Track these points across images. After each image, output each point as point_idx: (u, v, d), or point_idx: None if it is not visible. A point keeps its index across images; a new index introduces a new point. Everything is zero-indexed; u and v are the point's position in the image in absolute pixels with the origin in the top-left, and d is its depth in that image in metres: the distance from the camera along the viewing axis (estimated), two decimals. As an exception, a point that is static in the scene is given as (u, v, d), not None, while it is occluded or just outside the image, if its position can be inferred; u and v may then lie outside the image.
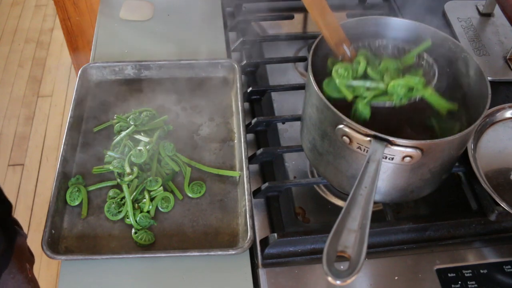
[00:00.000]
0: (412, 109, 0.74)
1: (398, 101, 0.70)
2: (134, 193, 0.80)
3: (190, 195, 0.82)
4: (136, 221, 0.78)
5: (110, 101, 0.96)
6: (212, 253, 0.73)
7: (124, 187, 0.80)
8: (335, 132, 0.66)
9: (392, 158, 0.64)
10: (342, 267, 0.52)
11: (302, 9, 1.20)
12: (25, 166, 2.14)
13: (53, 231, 0.76)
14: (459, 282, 0.72)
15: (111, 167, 0.84)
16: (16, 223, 0.92)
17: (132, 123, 0.89)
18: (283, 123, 0.94)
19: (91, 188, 0.83)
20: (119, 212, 0.79)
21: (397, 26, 0.81)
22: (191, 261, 0.75)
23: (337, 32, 0.73)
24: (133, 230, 0.78)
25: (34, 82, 2.53)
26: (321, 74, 0.75)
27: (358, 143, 0.65)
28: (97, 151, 0.88)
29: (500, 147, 0.86)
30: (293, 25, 1.18)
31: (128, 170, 0.82)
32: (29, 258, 0.96)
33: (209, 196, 0.83)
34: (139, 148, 0.84)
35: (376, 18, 0.81)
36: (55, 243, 0.75)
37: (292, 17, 1.14)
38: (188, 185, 0.83)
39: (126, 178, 0.81)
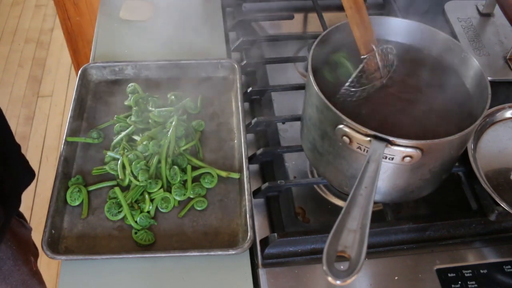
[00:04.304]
0: (412, 106, 0.74)
1: None
2: (133, 195, 0.80)
3: (190, 196, 0.82)
4: (136, 221, 0.78)
5: (110, 101, 0.96)
6: (212, 253, 0.73)
7: (118, 192, 0.80)
8: (335, 132, 0.66)
9: (392, 158, 0.64)
10: (342, 267, 0.52)
11: (302, 9, 1.21)
12: (25, 166, 2.14)
13: (53, 231, 0.76)
14: (459, 282, 0.72)
15: (106, 168, 0.84)
16: (21, 216, 0.92)
17: (135, 118, 0.89)
18: (283, 123, 0.94)
19: (91, 188, 0.83)
20: (119, 212, 0.79)
21: (397, 26, 0.81)
22: (191, 261, 0.75)
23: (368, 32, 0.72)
24: (133, 230, 0.78)
25: (34, 82, 2.53)
26: (321, 74, 0.75)
27: (358, 143, 0.65)
28: (97, 151, 0.88)
29: (500, 147, 0.86)
30: (293, 25, 1.17)
31: (121, 176, 0.82)
32: (34, 251, 0.96)
33: (209, 196, 0.83)
34: (135, 152, 0.84)
35: (376, 18, 0.81)
36: (55, 243, 0.75)
37: (292, 17, 1.14)
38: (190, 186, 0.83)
39: (121, 182, 0.82)
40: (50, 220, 0.76)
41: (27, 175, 0.85)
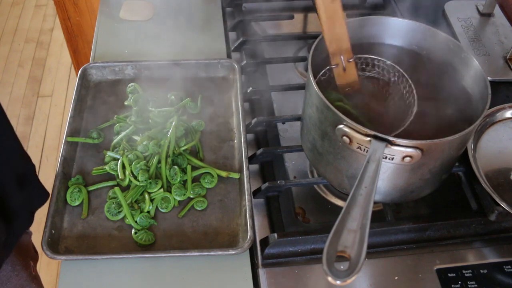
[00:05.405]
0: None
1: None
2: (133, 195, 0.80)
3: (190, 196, 0.82)
4: (136, 221, 0.78)
5: (110, 101, 0.96)
6: (212, 253, 0.73)
7: (118, 192, 0.80)
8: (335, 132, 0.66)
9: (392, 158, 0.64)
10: (342, 267, 0.52)
11: (302, 9, 1.21)
12: (25, 166, 2.14)
13: (53, 231, 0.76)
14: (459, 282, 0.72)
15: (106, 168, 0.84)
16: None
17: (134, 119, 0.89)
18: (283, 123, 0.94)
19: (91, 188, 0.83)
20: (119, 212, 0.79)
21: (397, 26, 0.81)
22: (191, 261, 0.75)
23: (339, 42, 0.72)
24: (133, 230, 0.78)
25: (34, 82, 2.53)
26: (321, 74, 0.75)
27: (358, 143, 0.65)
28: (97, 151, 0.88)
29: (500, 147, 0.86)
30: (293, 25, 1.18)
31: (121, 176, 0.82)
32: (33, 255, 0.95)
33: (209, 196, 0.83)
34: (135, 151, 0.84)
35: (376, 18, 0.81)
36: (55, 243, 0.75)
37: (292, 17, 1.14)
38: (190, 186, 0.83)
39: (121, 182, 0.82)
40: (50, 220, 0.76)
41: (40, 195, 0.83)
